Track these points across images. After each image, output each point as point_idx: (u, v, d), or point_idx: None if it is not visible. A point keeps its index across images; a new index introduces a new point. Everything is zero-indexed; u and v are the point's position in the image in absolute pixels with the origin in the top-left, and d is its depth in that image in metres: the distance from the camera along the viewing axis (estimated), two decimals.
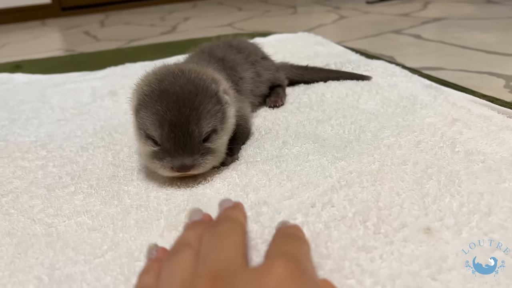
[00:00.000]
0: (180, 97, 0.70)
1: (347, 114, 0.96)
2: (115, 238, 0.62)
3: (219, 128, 0.74)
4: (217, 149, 0.74)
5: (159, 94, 0.72)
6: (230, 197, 0.67)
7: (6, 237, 0.64)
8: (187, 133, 0.69)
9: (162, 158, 0.70)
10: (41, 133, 1.05)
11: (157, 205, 0.69)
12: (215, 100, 0.74)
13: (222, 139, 0.75)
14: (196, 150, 0.70)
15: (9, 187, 0.80)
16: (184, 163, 0.69)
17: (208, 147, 0.72)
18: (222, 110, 0.75)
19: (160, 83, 0.73)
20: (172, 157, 0.69)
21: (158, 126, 0.70)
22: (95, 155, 0.90)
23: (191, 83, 0.73)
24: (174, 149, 0.69)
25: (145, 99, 0.73)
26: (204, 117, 0.71)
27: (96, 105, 1.21)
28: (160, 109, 0.70)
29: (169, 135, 0.69)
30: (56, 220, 0.68)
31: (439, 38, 1.81)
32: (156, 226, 0.63)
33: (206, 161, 0.72)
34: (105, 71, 1.57)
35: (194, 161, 0.70)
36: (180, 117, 0.69)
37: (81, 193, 0.75)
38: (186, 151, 0.69)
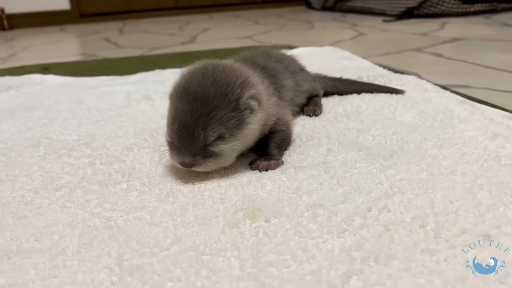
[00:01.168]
0: (197, 98, 0.75)
1: (386, 125, 0.98)
2: (177, 233, 0.63)
3: (228, 134, 0.76)
4: (221, 154, 0.76)
5: (182, 91, 0.77)
6: (283, 200, 0.69)
7: (67, 228, 0.66)
8: (192, 135, 0.74)
9: (172, 150, 0.77)
10: (82, 132, 1.07)
11: (213, 203, 0.70)
12: (232, 107, 0.76)
13: (229, 145, 0.77)
14: (198, 152, 0.74)
15: (60, 182, 0.82)
16: (184, 161, 0.75)
17: (211, 151, 0.75)
18: (239, 117, 0.77)
19: (189, 79, 0.79)
20: (177, 153, 0.75)
21: (172, 122, 0.76)
22: (141, 155, 0.92)
23: (214, 85, 0.76)
24: (179, 146, 0.75)
25: (173, 91, 0.80)
26: (213, 123, 0.74)
27: (133, 108, 1.23)
28: (178, 106, 0.76)
29: (177, 133, 0.75)
30: (114, 215, 0.69)
31: (461, 58, 1.84)
32: (216, 223, 0.65)
33: (207, 163, 0.76)
34: (136, 76, 1.60)
35: (194, 161, 0.74)
36: (190, 119, 0.74)
37: (135, 190, 0.77)
38: (188, 151, 0.74)
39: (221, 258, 0.57)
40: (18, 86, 1.52)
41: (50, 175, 0.84)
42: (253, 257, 0.57)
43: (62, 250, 0.61)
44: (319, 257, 0.56)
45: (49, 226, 0.67)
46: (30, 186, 0.81)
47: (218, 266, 0.56)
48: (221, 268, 0.55)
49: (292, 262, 0.55)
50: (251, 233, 0.62)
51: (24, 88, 1.50)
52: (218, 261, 0.56)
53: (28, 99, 1.38)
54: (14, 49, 2.76)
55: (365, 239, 0.58)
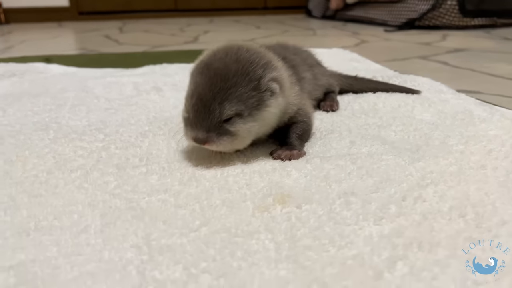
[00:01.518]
0: (218, 73, 0.73)
1: (406, 122, 0.96)
2: (205, 215, 0.60)
3: (247, 113, 0.74)
4: (237, 133, 0.74)
5: (203, 66, 0.76)
6: (311, 187, 0.66)
7: (87, 208, 0.63)
8: (209, 110, 0.71)
9: (187, 126, 0.74)
10: (92, 118, 1.04)
11: (239, 188, 0.68)
12: (253, 86, 0.74)
13: (247, 125, 0.74)
14: (212, 128, 0.72)
15: (75, 164, 0.78)
16: (198, 136, 0.72)
17: (226, 129, 0.73)
18: (259, 97, 0.75)
19: (212, 56, 0.77)
20: (191, 128, 0.73)
21: (189, 96, 0.74)
22: (157, 141, 0.89)
23: (237, 62, 0.74)
24: (194, 121, 0.73)
25: (195, 67, 0.78)
26: (231, 99, 0.72)
27: (142, 98, 1.20)
28: (198, 81, 0.74)
29: (194, 107, 0.73)
30: (136, 196, 0.66)
31: (468, 66, 1.84)
32: (244, 207, 0.62)
33: (221, 141, 0.73)
34: (143, 68, 1.57)
35: (207, 137, 0.72)
36: (209, 92, 0.72)
37: (155, 174, 0.74)
38: (202, 126, 0.72)
39: (255, 240, 0.54)
40: (22, 73, 1.48)
41: (63, 158, 0.81)
42: (288, 240, 0.54)
43: (84, 229, 0.58)
44: (358, 242, 0.54)
45: (67, 206, 0.64)
46: (42, 167, 0.77)
47: (252, 248, 0.53)
48: (256, 250, 0.52)
49: (331, 247, 0.53)
50: (283, 218, 0.59)
51: (28, 76, 1.46)
52: (251, 244, 0.54)
53: (33, 86, 1.34)
54: (10, 42, 2.72)
55: (404, 227, 0.56)
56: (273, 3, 4.43)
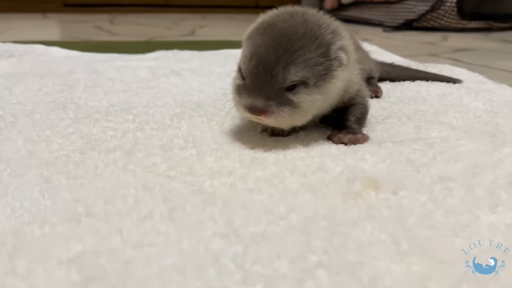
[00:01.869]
0: (283, 34, 0.63)
1: (461, 110, 0.89)
2: (288, 200, 0.51)
3: (312, 82, 0.64)
4: (300, 105, 0.64)
5: (265, 26, 0.66)
6: (396, 172, 0.58)
7: (142, 191, 0.53)
8: (271, 74, 0.62)
9: (241, 94, 0.64)
10: (113, 100, 0.93)
11: (313, 172, 0.58)
12: (321, 51, 0.64)
13: (311, 96, 0.65)
14: (273, 95, 0.62)
15: (109, 144, 0.67)
16: (255, 104, 0.62)
17: (289, 98, 0.63)
18: (327, 66, 0.65)
19: (274, 17, 0.67)
20: (247, 95, 0.63)
21: (248, 59, 0.64)
22: (196, 123, 0.78)
23: (304, 25, 0.65)
24: (252, 87, 0.63)
25: (253, 30, 0.68)
26: (297, 63, 0.62)
27: (162, 82, 1.10)
28: (259, 42, 0.64)
29: (253, 70, 0.63)
30: (196, 179, 0.56)
31: (482, 63, 1.80)
32: (330, 192, 0.53)
33: (281, 112, 0.62)
34: (154, 54, 1.46)
35: (266, 106, 0.61)
36: (272, 54, 0.62)
37: (208, 156, 0.64)
38: (261, 93, 0.62)
39: (360, 230, 0.45)
40: (21, 54, 1.34)
41: (92, 138, 0.70)
42: (401, 230, 0.45)
43: (147, 215, 0.47)
44: (483, 233, 0.45)
45: (117, 189, 0.53)
46: (72, 148, 0.66)
47: (362, 239, 0.44)
48: (368, 241, 0.43)
49: (454, 237, 0.44)
50: (382, 205, 0.50)
51: (27, 57, 1.33)
52: (358, 234, 0.44)
53: (36, 67, 1.21)
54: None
55: None
56: (264, 2, 4.35)
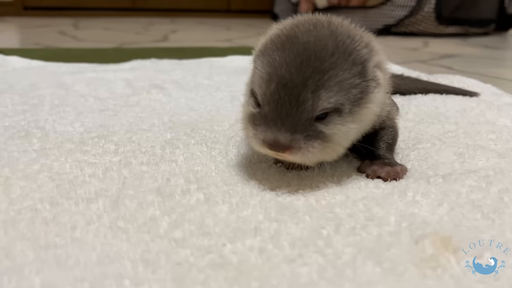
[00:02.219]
0: (308, 49, 0.50)
1: (493, 129, 0.78)
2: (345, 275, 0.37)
3: (348, 109, 0.52)
4: (333, 138, 0.51)
5: (284, 40, 0.52)
6: (462, 223, 0.46)
7: (140, 265, 0.38)
8: (297, 100, 0.49)
9: (257, 125, 0.51)
10: (87, 123, 0.77)
11: (363, 226, 0.45)
12: (357, 70, 0.52)
13: (346, 126, 0.52)
14: (300, 127, 0.49)
15: (89, 188, 0.52)
16: (278, 139, 0.49)
17: (319, 130, 0.50)
18: (363, 88, 0.52)
19: (293, 28, 0.54)
20: (267, 127, 0.50)
21: (265, 81, 0.51)
22: (194, 154, 0.64)
23: (333, 37, 0.52)
24: (272, 117, 0.50)
25: (267, 45, 0.54)
26: (329, 87, 0.49)
27: (143, 98, 0.94)
28: (277, 59, 0.51)
29: (273, 96, 0.50)
30: (213, 243, 0.42)
31: (475, 71, 1.72)
32: (399, 258, 0.40)
33: (310, 148, 0.50)
34: (131, 63, 1.29)
35: (292, 141, 0.49)
36: (297, 76, 0.49)
37: (221, 203, 0.49)
38: (285, 124, 0.49)
39: None
40: None
41: (65, 179, 0.55)
42: None
43: None
44: None
45: (106, 264, 0.38)
46: (39, 194, 0.51)
47: None
48: None
49: None
50: (471, 278, 0.37)
51: None
52: None
53: None
54: None
55: None
56: (237, 5, 4.23)
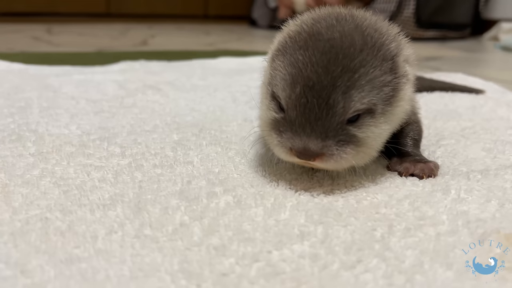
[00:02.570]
0: (335, 47, 0.46)
1: (509, 125, 0.76)
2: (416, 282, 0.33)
3: (380, 109, 0.48)
4: (366, 141, 0.48)
5: (306, 37, 0.48)
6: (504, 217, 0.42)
7: (181, 278, 0.33)
8: (326, 103, 0.45)
9: (282, 132, 0.47)
10: (84, 125, 0.71)
11: (417, 226, 0.41)
12: (388, 66, 0.48)
13: (379, 128, 0.48)
14: (332, 132, 0.45)
15: (102, 194, 0.47)
16: (308, 146, 0.45)
17: (352, 134, 0.46)
18: (394, 85, 0.48)
19: (315, 24, 0.50)
20: (294, 134, 0.46)
21: (289, 84, 0.47)
22: (209, 155, 0.59)
23: (359, 32, 0.48)
24: (300, 123, 0.46)
25: (286, 42, 0.50)
26: (361, 86, 0.46)
27: (139, 99, 0.88)
28: (301, 59, 0.47)
29: (299, 100, 0.46)
30: (257, 249, 0.37)
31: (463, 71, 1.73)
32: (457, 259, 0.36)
33: (343, 154, 0.45)
34: (119, 65, 1.23)
35: (324, 148, 0.45)
36: (324, 77, 0.45)
37: (253, 205, 0.45)
38: (316, 130, 0.45)
39: None
40: None
41: (72, 184, 0.49)
42: None
43: None
44: None
45: (141, 278, 0.33)
46: (46, 202, 0.45)
47: None
48: None
49: None
50: None
51: None
52: None
53: None
54: None
55: None
56: (214, 10, 4.20)
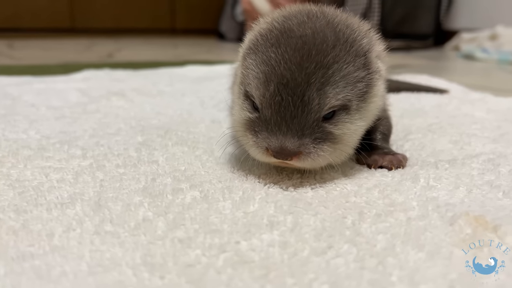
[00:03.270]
0: (307, 44, 0.46)
1: (475, 120, 0.77)
2: (389, 264, 0.32)
3: (355, 105, 0.47)
4: (343, 138, 0.47)
5: (278, 35, 0.47)
6: (488, 202, 0.43)
7: (144, 271, 0.31)
8: (301, 101, 0.44)
9: (257, 132, 0.46)
10: (43, 130, 0.68)
11: (387, 213, 0.40)
12: (361, 62, 0.47)
13: (354, 125, 0.48)
14: (308, 130, 0.44)
15: (60, 193, 0.44)
16: (284, 145, 0.44)
17: (328, 131, 0.46)
18: (368, 81, 0.48)
19: (286, 21, 0.49)
20: (270, 133, 0.45)
21: (262, 82, 0.46)
22: (176, 154, 0.57)
23: (331, 28, 0.48)
24: (276, 121, 0.44)
25: (258, 41, 0.49)
26: (335, 82, 0.45)
27: (103, 105, 0.86)
28: (273, 56, 0.46)
29: (274, 98, 0.45)
30: (225, 240, 0.36)
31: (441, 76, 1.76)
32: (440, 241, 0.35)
33: (320, 152, 0.45)
34: (82, 74, 1.20)
35: (301, 146, 0.44)
36: (298, 74, 0.44)
37: (221, 199, 0.43)
38: (292, 129, 0.44)
39: None
40: None
41: (28, 186, 0.46)
42: None
43: None
44: None
45: (101, 273, 0.31)
46: (1, 203, 0.42)
47: None
48: None
49: None
50: None
51: None
52: None
53: None
54: None
55: None
56: (182, 24, 4.19)
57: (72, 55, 2.43)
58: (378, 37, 0.55)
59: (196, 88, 1.05)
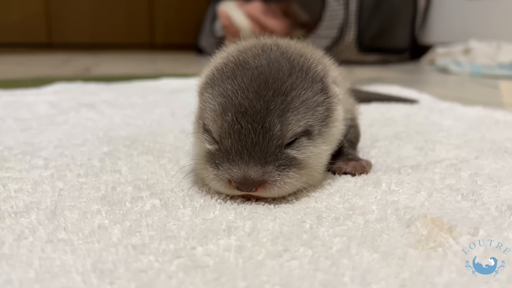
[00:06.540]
0: (263, 73, 0.46)
1: (441, 128, 0.79)
2: (343, 266, 0.32)
3: (317, 130, 0.47)
4: (308, 163, 0.46)
5: (234, 67, 0.47)
6: (446, 205, 0.43)
7: (93, 277, 0.30)
8: (262, 127, 0.43)
9: (218, 164, 0.44)
10: (7, 141, 0.66)
11: (346, 216, 0.40)
12: (318, 87, 0.48)
13: (318, 148, 0.47)
14: (271, 157, 0.43)
15: (16, 203, 0.43)
16: (248, 175, 0.42)
17: (292, 157, 0.45)
18: (328, 105, 0.49)
19: (241, 54, 0.49)
20: (232, 163, 0.43)
21: (219, 114, 0.45)
22: (140, 163, 0.57)
23: (285, 57, 0.48)
24: (237, 151, 0.43)
25: (214, 75, 0.49)
26: (296, 108, 0.45)
27: (72, 117, 0.85)
28: (229, 87, 0.46)
29: (232, 127, 0.44)
30: (180, 246, 0.35)
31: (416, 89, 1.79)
32: (396, 242, 0.35)
33: (286, 179, 0.43)
34: (53, 87, 1.18)
35: (265, 175, 0.42)
36: (257, 101, 0.44)
37: (181, 206, 0.43)
38: (254, 156, 0.43)
39: None
40: None
41: None
42: None
43: None
44: None
45: (49, 279, 0.30)
46: None
47: None
48: None
49: None
50: (477, 253, 0.34)
51: None
52: None
53: None
54: None
55: None
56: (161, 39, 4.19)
57: (48, 69, 2.40)
58: (332, 63, 0.56)
59: (169, 99, 1.05)
